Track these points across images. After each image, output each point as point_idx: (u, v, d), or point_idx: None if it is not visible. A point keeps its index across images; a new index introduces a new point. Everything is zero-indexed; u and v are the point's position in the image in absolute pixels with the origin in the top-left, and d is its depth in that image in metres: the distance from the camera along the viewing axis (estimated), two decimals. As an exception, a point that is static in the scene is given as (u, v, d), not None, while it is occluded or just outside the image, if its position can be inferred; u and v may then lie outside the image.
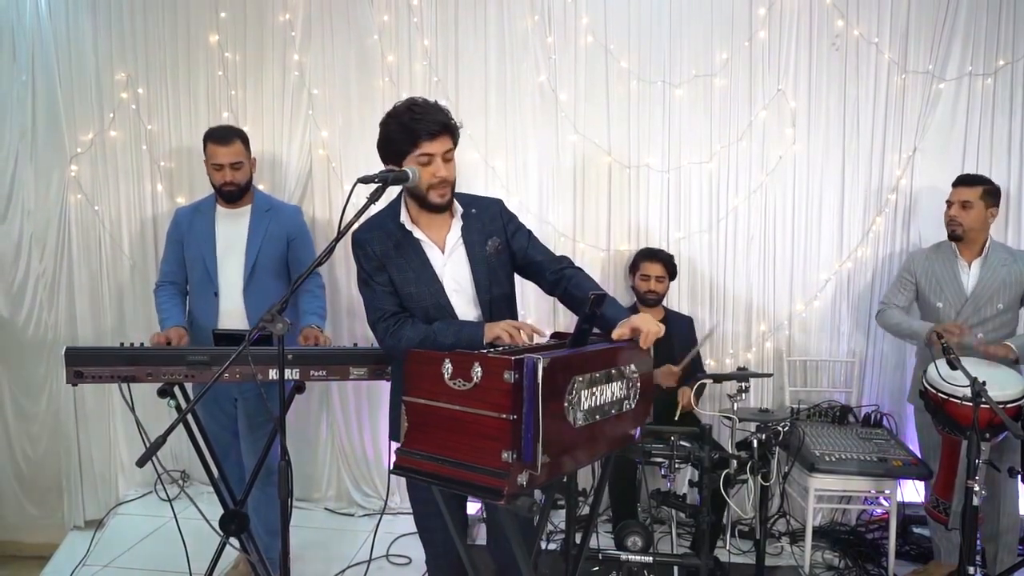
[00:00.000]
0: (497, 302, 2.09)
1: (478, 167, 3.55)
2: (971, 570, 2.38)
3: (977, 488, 2.30)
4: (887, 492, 3.07)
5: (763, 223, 3.55)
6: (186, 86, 3.63)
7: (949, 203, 2.99)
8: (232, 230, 2.92)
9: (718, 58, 3.48)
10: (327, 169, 3.62)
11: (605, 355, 1.80)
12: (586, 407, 1.69)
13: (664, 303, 3.45)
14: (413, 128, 1.92)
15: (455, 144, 2.01)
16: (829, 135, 3.48)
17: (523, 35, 3.52)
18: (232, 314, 2.88)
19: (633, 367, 1.90)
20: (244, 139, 2.91)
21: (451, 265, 2.07)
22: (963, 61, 3.38)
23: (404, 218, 2.05)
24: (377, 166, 2.00)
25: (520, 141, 3.58)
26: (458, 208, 2.10)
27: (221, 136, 2.86)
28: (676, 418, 3.12)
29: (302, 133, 3.62)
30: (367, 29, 3.55)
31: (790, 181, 3.52)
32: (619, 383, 1.83)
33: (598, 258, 3.61)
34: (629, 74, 3.52)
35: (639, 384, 1.93)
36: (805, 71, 3.46)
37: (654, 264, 3.34)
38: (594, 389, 1.72)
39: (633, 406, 1.92)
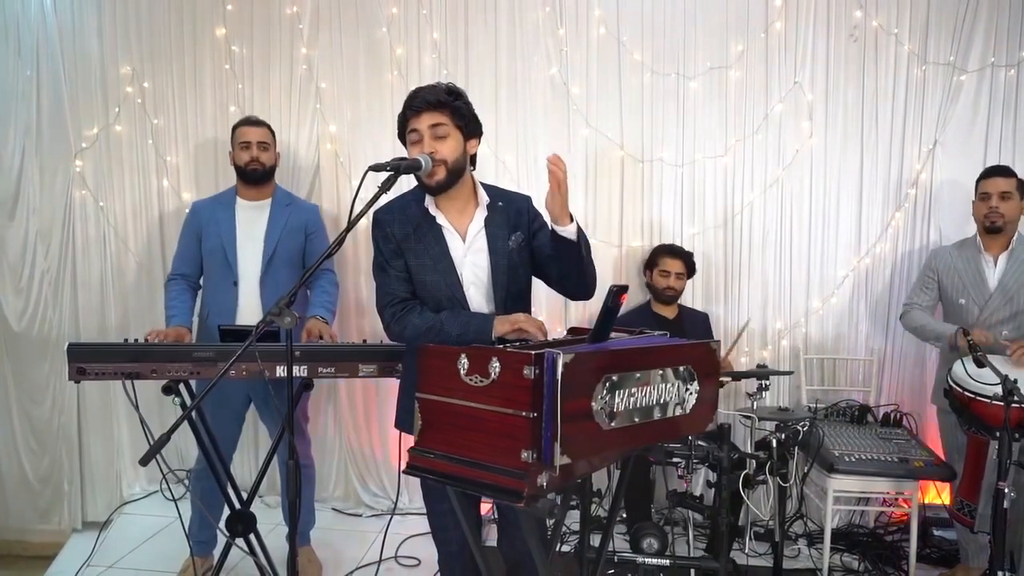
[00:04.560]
0: (513, 298, 2.04)
1: (488, 161, 3.48)
2: (1000, 575, 2.31)
3: (1007, 490, 2.23)
4: (907, 494, 2.99)
5: (779, 218, 3.48)
6: (192, 80, 3.58)
7: (986, 195, 2.88)
8: (252, 220, 2.92)
9: (733, 50, 3.41)
10: (335, 163, 3.56)
11: (647, 353, 1.68)
12: (621, 408, 1.58)
13: (678, 300, 3.38)
14: (404, 108, 1.94)
15: (458, 123, 1.94)
16: (847, 128, 3.41)
17: (534, 27, 3.46)
18: (250, 305, 2.85)
19: (691, 368, 1.76)
20: (272, 130, 3.05)
21: (471, 256, 2.01)
22: (985, 52, 3.30)
23: (428, 202, 2.01)
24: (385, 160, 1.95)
25: (531, 135, 3.52)
26: (484, 198, 2.05)
27: (250, 120, 3.02)
28: None
29: (310, 127, 3.56)
30: (375, 21, 3.50)
31: (807, 175, 3.45)
32: (670, 385, 1.71)
33: (610, 254, 3.55)
34: (642, 66, 3.45)
35: (699, 388, 1.78)
36: (823, 63, 3.39)
37: (675, 260, 3.26)
38: (632, 389, 1.61)
39: (687, 411, 1.76)
